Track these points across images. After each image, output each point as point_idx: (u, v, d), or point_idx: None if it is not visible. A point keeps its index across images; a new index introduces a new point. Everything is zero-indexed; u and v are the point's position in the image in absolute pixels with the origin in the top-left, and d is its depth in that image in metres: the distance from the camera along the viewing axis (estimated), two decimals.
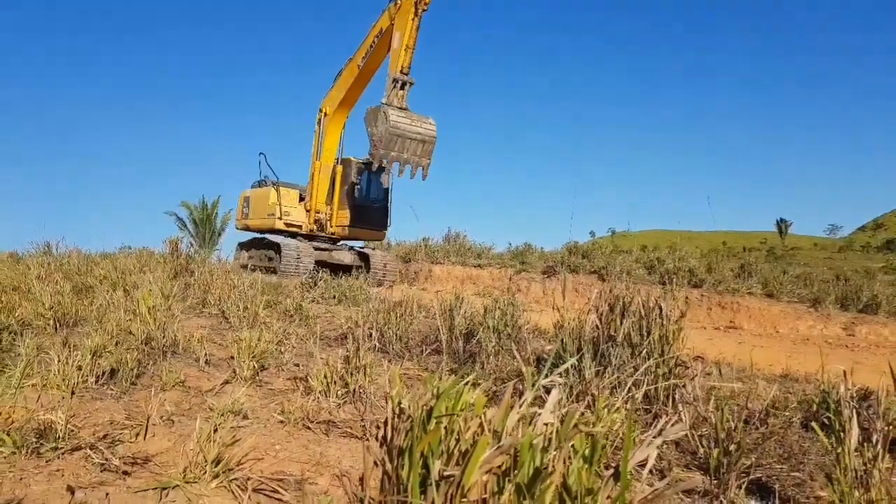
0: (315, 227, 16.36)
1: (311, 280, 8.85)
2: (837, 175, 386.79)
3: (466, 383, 1.25)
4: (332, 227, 16.32)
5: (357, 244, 17.61)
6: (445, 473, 1.03)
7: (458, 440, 1.10)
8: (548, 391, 2.93)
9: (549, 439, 1.09)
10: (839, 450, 2.37)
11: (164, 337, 4.17)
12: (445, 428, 1.14)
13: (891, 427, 2.67)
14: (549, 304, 13.96)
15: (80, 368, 3.23)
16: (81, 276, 7.16)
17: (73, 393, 3.11)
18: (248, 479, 2.29)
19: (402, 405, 1.13)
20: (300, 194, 16.99)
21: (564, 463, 1.12)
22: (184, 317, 5.27)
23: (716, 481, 2.59)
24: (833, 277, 16.46)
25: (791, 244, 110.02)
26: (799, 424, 3.55)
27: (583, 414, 2.70)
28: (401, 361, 4.49)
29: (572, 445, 1.16)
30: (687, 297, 12.58)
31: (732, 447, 2.58)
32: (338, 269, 15.52)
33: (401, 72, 13.24)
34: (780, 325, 10.96)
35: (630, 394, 3.30)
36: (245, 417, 3.05)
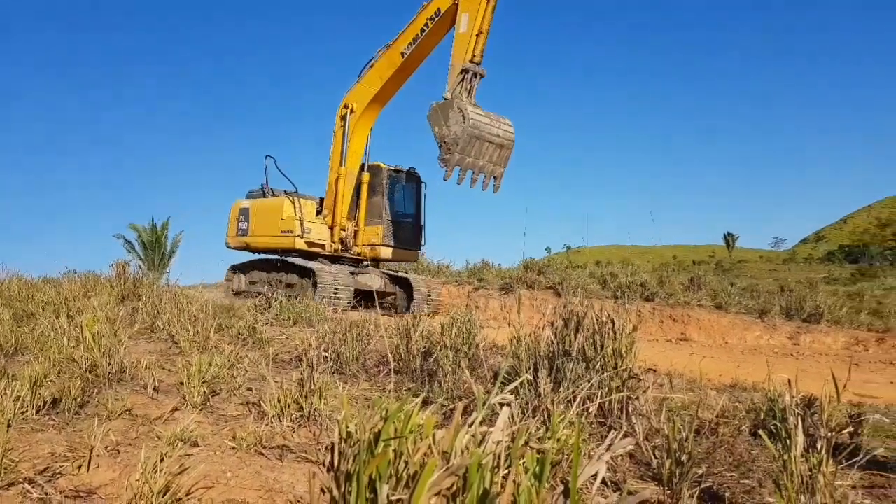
0: (339, 247, 13.67)
1: (264, 301, 8.43)
2: (781, 189, 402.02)
3: (416, 405, 1.24)
4: (356, 246, 13.66)
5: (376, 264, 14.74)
6: (393, 498, 1.02)
7: (406, 463, 1.09)
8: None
9: (501, 458, 1.09)
10: (786, 456, 2.43)
11: (109, 364, 4.04)
12: (394, 451, 1.13)
13: (834, 433, 2.76)
14: (507, 319, 14.05)
15: (18, 399, 3.10)
16: (22, 303, 6.89)
17: (9, 425, 2.98)
18: None
19: (349, 429, 1.12)
20: (316, 207, 14.27)
21: (514, 482, 1.11)
22: (131, 342, 5.11)
23: (669, 491, 2.62)
24: (778, 289, 17.02)
25: (738, 257, 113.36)
26: (748, 433, 3.63)
27: (538, 429, 2.71)
28: (357, 382, 4.44)
29: (523, 463, 1.16)
30: (640, 311, 12.87)
31: (684, 457, 2.63)
32: (365, 296, 12.63)
33: (471, 60, 11.07)
34: (729, 335, 11.27)
35: (584, 408, 3.33)
36: (195, 445, 2.97)
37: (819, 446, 2.47)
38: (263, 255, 14.90)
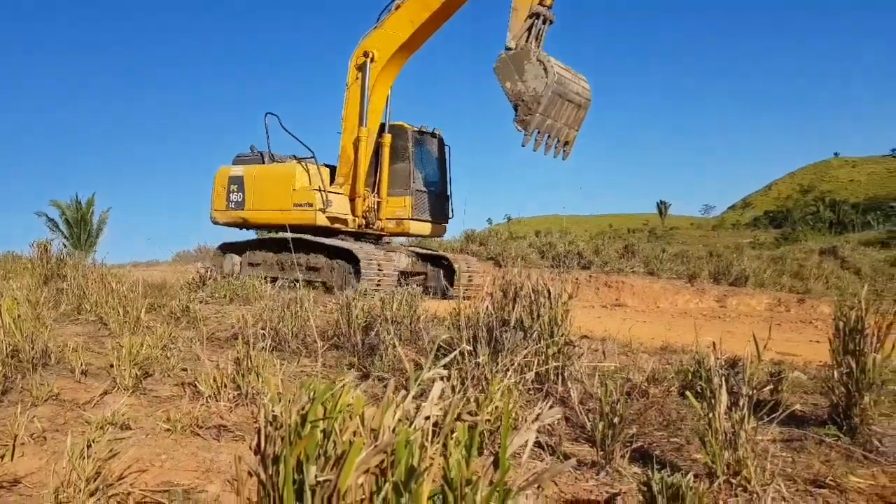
0: (363, 222, 11.76)
1: (198, 278, 7.89)
2: (712, 158, 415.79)
3: (346, 383, 1.23)
4: (379, 220, 11.77)
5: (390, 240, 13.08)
6: (321, 479, 1.02)
7: (335, 444, 1.08)
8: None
9: (434, 432, 1.10)
10: (710, 415, 2.55)
11: (32, 348, 3.86)
12: (323, 431, 1.12)
13: (755, 391, 2.91)
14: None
15: None
16: None
17: None
18: (129, 493, 2.17)
19: (274, 411, 1.11)
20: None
21: (445, 456, 1.13)
22: (57, 325, 4.90)
23: (602, 452, 2.72)
24: (707, 254, 17.72)
25: (670, 224, 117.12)
26: (677, 393, 3.79)
27: (476, 399, 2.76)
28: (297, 359, 4.40)
29: (455, 436, 1.18)
30: (577, 279, 13.12)
31: (616, 419, 2.72)
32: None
33: (541, 3, 9.33)
34: (661, 300, 11.69)
35: (522, 375, 3.41)
36: (127, 428, 2.88)
37: (741, 404, 2.59)
38: (265, 234, 13.15)
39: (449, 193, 12.51)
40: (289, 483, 1.03)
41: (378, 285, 9.85)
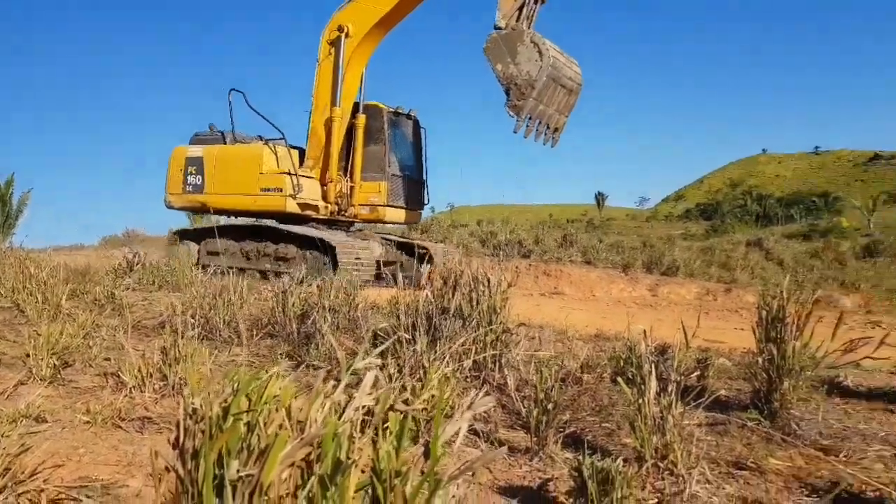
0: (335, 209, 10.96)
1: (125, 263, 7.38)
2: (647, 151, 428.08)
3: (273, 374, 1.19)
4: (352, 206, 10.99)
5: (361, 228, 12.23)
6: (242, 474, 0.97)
7: (260, 437, 1.04)
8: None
9: (358, 424, 1.07)
10: (640, 400, 2.61)
11: None
12: (247, 424, 1.07)
13: (683, 377, 3.00)
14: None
15: None
16: None
17: None
18: (42, 490, 2.05)
19: (194, 403, 1.05)
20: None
21: (375, 447, 1.10)
22: None
23: (536, 438, 2.75)
24: (641, 245, 18.24)
25: (607, 215, 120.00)
26: (609, 379, 3.88)
27: (413, 388, 2.74)
28: (228, 348, 4.28)
29: (386, 427, 1.15)
30: (517, 267, 13.25)
31: (550, 405, 2.75)
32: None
33: None
34: (597, 289, 11.96)
35: (460, 363, 3.41)
36: (42, 421, 2.73)
37: (670, 390, 2.66)
38: (228, 220, 12.15)
39: (425, 179, 11.94)
40: (208, 479, 0.98)
41: (358, 274, 9.03)
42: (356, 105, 10.90)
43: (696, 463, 2.44)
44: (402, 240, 11.82)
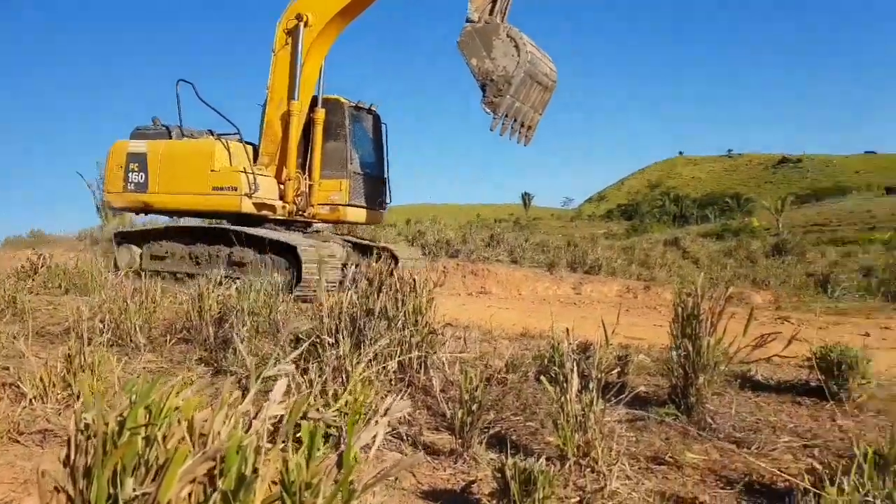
0: (294, 209, 10.24)
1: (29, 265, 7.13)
2: (572, 153, 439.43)
3: (175, 384, 1.11)
4: (311, 206, 10.31)
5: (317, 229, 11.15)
6: (139, 492, 0.90)
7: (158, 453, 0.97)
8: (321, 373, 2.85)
9: (264, 435, 1.02)
10: (563, 399, 2.64)
11: None
12: (146, 439, 1.00)
13: (604, 374, 3.06)
14: None
15: None
16: None
17: None
18: None
19: (86, 418, 0.97)
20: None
21: (284, 459, 1.04)
22: None
23: (460, 440, 2.74)
24: (566, 244, 18.65)
25: (534, 215, 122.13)
26: (534, 378, 3.92)
27: (334, 393, 2.67)
28: (141, 354, 4.07)
29: (298, 437, 1.10)
30: (444, 267, 13.23)
31: (475, 406, 2.75)
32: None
33: None
34: (523, 288, 12.15)
35: (384, 365, 3.36)
36: None
37: (591, 387, 2.71)
38: (170, 221, 11.17)
39: (386, 177, 11.36)
40: (101, 499, 0.90)
41: (318, 286, 8.49)
42: (314, 99, 10.26)
43: (617, 459, 2.49)
44: (363, 242, 11.22)
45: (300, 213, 10.26)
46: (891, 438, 2.05)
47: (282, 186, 10.07)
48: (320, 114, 10.13)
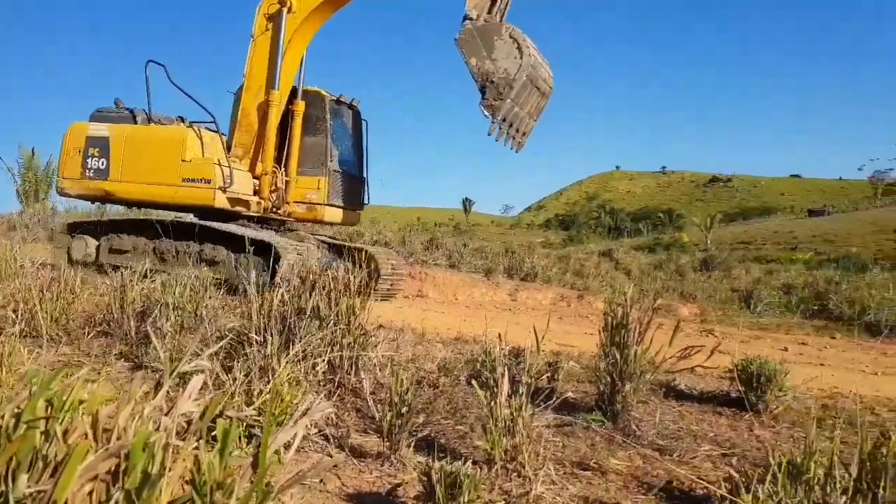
0: (269, 205, 9.62)
1: None
2: (512, 160, 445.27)
3: (80, 376, 1.05)
4: (286, 203, 9.70)
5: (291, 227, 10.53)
6: (33, 489, 0.84)
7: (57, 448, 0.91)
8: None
9: (172, 433, 0.97)
10: (492, 403, 2.65)
11: None
12: (46, 433, 0.94)
13: (534, 379, 3.09)
14: None
15: None
16: None
17: None
18: None
19: None
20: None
21: (195, 458, 1.00)
22: None
23: (388, 442, 2.71)
24: (503, 251, 18.85)
25: (474, 221, 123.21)
26: (465, 382, 3.93)
27: (260, 391, 2.60)
28: (56, 347, 3.86)
29: (213, 435, 1.05)
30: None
31: (404, 409, 2.72)
32: None
33: None
34: (460, 293, 12.19)
35: (313, 365, 3.30)
36: None
37: (521, 392, 2.73)
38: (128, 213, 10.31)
39: (365, 175, 10.85)
40: None
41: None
42: (294, 90, 9.71)
43: (543, 464, 2.51)
44: (339, 243, 10.69)
45: (275, 210, 9.67)
46: (804, 449, 2.14)
47: (256, 181, 9.50)
48: (300, 106, 9.63)
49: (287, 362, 2.93)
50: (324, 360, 3.34)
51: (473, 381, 2.99)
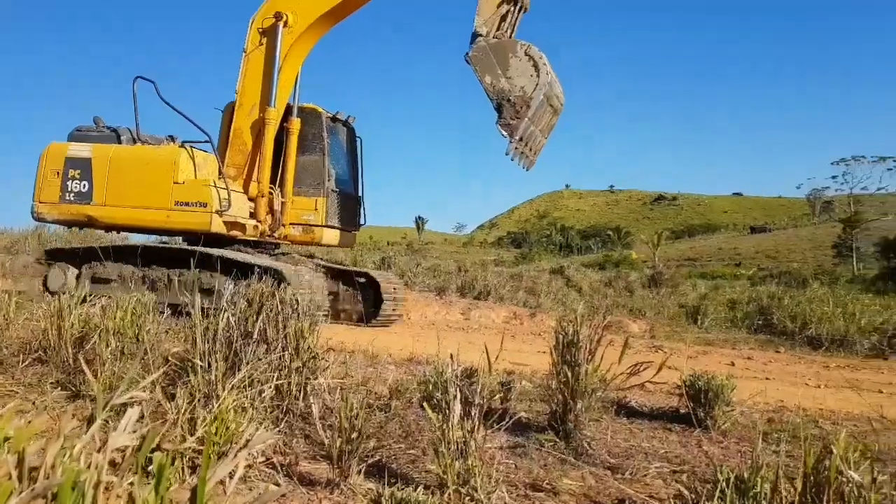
0: (266, 229, 9.22)
1: None
2: (465, 178, 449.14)
3: (7, 410, 0.99)
4: (282, 225, 9.31)
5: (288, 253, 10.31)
6: None
7: None
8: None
9: (102, 469, 0.92)
10: (445, 426, 2.63)
11: None
12: None
13: (487, 400, 3.08)
14: None
15: None
16: None
17: None
18: None
19: None
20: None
21: (130, 494, 0.95)
22: None
23: (338, 469, 2.65)
24: (456, 269, 18.91)
25: (427, 239, 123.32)
26: (418, 404, 3.89)
27: (204, 419, 2.51)
28: None
29: (149, 471, 1.00)
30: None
31: (354, 434, 2.68)
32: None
33: None
34: (413, 312, 12.12)
35: (259, 390, 3.21)
36: None
37: (473, 414, 2.72)
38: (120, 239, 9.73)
39: (361, 195, 10.54)
40: None
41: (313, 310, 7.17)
42: (289, 107, 9.37)
43: (496, 487, 2.50)
44: (339, 267, 10.38)
45: (270, 233, 9.29)
46: (751, 464, 2.19)
47: (252, 203, 9.11)
48: (295, 124, 9.30)
49: (232, 388, 2.85)
50: (270, 386, 3.26)
51: (425, 404, 2.96)
